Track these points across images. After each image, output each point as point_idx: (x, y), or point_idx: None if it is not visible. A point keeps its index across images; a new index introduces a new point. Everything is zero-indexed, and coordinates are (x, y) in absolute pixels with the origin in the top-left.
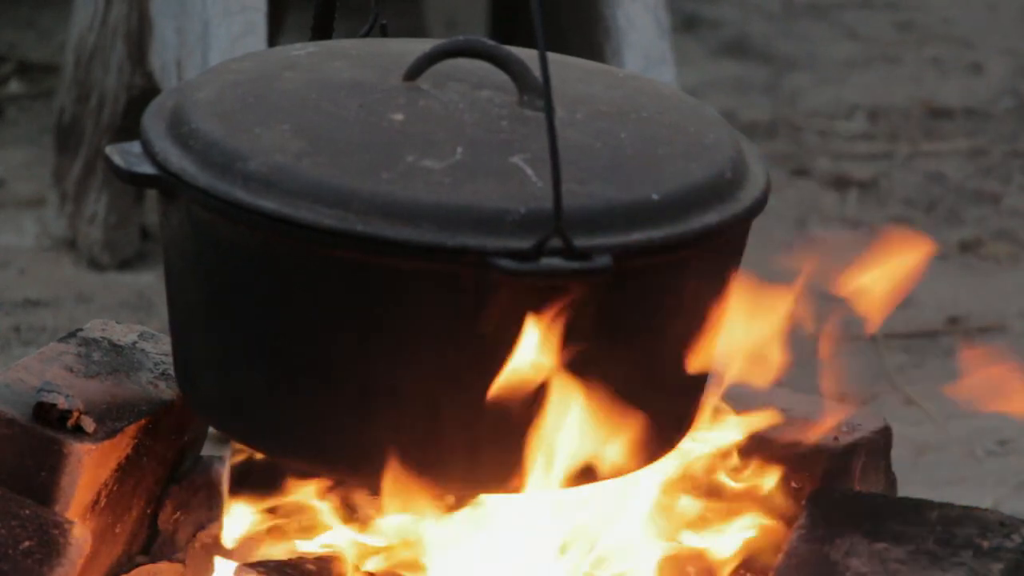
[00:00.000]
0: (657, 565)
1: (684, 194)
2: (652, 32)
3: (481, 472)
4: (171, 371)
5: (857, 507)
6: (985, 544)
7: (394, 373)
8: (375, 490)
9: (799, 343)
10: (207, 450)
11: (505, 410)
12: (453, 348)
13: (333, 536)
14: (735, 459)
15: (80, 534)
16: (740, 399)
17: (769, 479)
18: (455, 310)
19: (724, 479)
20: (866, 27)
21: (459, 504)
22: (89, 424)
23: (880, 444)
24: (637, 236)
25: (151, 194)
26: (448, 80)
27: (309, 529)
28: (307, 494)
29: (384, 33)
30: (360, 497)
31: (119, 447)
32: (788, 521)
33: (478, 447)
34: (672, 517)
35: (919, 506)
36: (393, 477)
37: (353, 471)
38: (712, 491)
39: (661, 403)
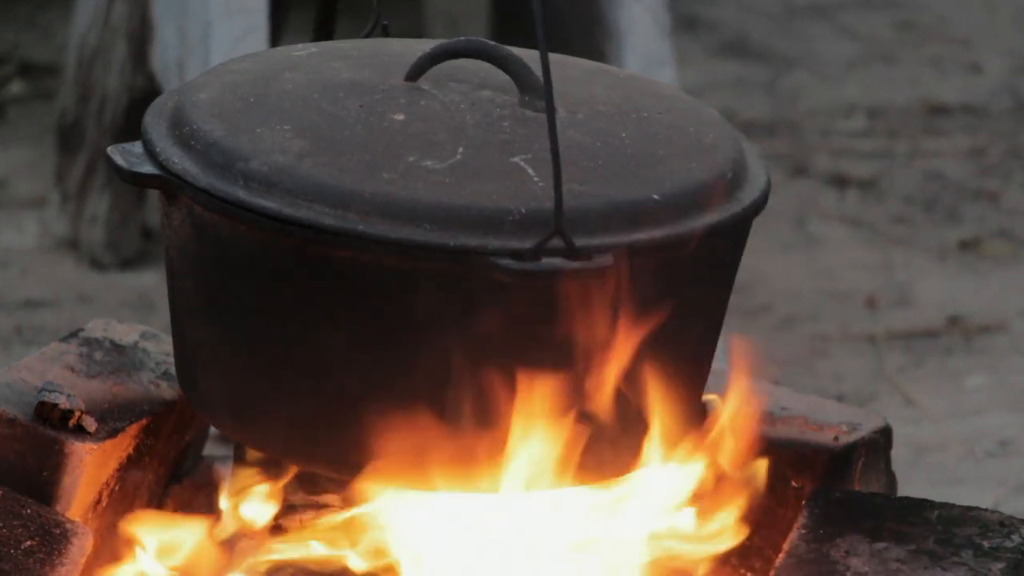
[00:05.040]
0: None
1: (685, 194)
2: (652, 32)
3: (484, 472)
4: (173, 371)
5: (857, 507)
6: (985, 544)
7: (395, 373)
8: (376, 489)
9: (800, 343)
10: (209, 450)
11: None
12: (454, 348)
13: (334, 536)
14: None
15: (82, 534)
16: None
17: (767, 478)
18: (456, 310)
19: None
20: (866, 27)
21: (459, 504)
22: (91, 424)
23: (880, 444)
24: (638, 236)
25: (152, 194)
26: (449, 80)
27: (312, 529)
28: (310, 494)
29: (386, 34)
30: (361, 496)
31: (121, 447)
32: (788, 521)
33: (480, 446)
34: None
35: (919, 506)
36: (394, 477)
37: (354, 471)
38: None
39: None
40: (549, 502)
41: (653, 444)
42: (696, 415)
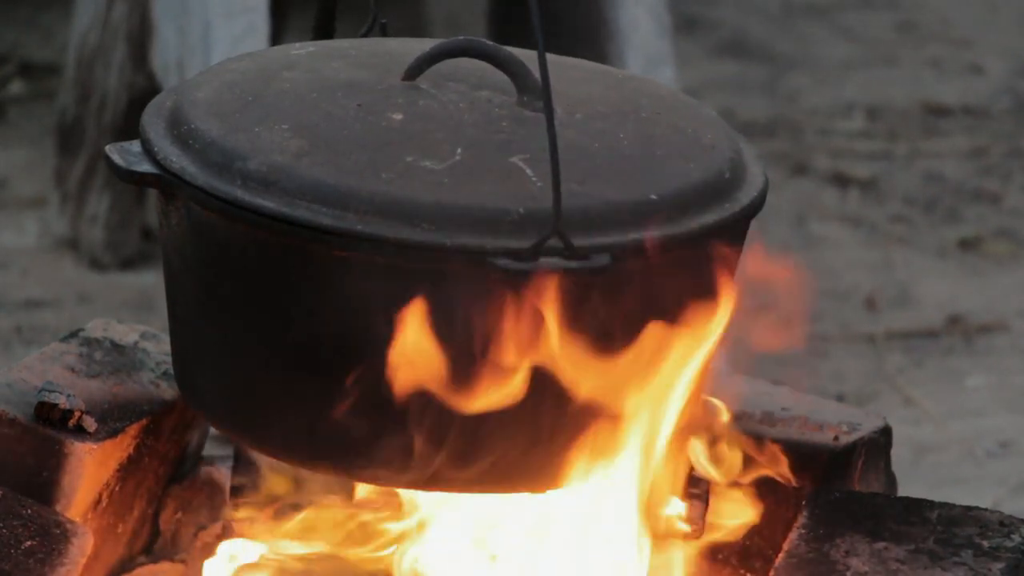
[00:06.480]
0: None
1: (682, 194)
2: (653, 33)
3: (481, 473)
4: (172, 370)
5: (857, 507)
6: (985, 544)
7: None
8: (376, 489)
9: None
10: (208, 450)
11: (505, 409)
12: (452, 347)
13: (334, 536)
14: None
15: (82, 534)
16: (738, 398)
17: (768, 477)
18: (455, 310)
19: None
20: (865, 27)
21: (452, 504)
22: (90, 424)
23: (880, 444)
24: (635, 236)
25: (152, 194)
26: (447, 80)
27: (312, 529)
28: (310, 494)
29: (384, 33)
30: (358, 495)
31: (121, 447)
32: (788, 521)
33: (477, 447)
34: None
35: (919, 506)
36: (392, 477)
37: (351, 470)
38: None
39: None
40: (547, 502)
41: (651, 443)
42: (695, 415)
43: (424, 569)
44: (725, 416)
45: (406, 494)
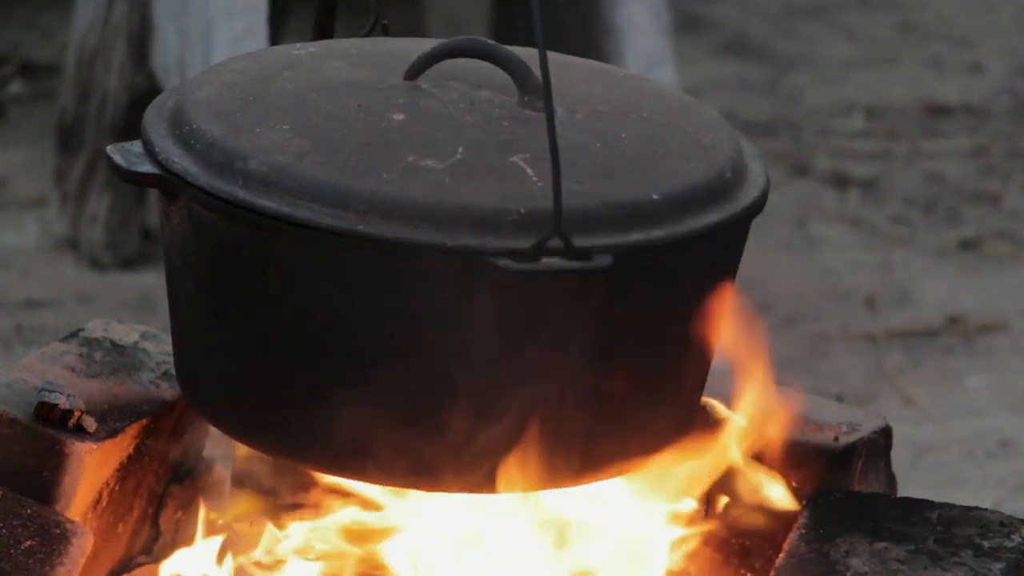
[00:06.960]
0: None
1: (684, 194)
2: (653, 32)
3: (480, 472)
4: (173, 371)
5: (857, 507)
6: (985, 544)
7: (393, 372)
8: (374, 489)
9: (800, 343)
10: (208, 450)
11: (505, 410)
12: (453, 348)
13: (332, 536)
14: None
15: (82, 534)
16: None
17: (768, 478)
18: (455, 310)
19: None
20: (866, 27)
21: (452, 504)
22: (90, 424)
23: (880, 444)
24: (637, 236)
25: (152, 194)
26: (448, 80)
27: (311, 530)
28: (309, 493)
29: (385, 33)
30: (359, 496)
31: (120, 447)
32: (788, 521)
33: (477, 447)
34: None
35: (919, 506)
36: (392, 476)
37: (352, 470)
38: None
39: (660, 402)
40: (546, 502)
41: (651, 444)
42: (696, 416)
43: (421, 566)
44: (727, 417)
45: (405, 494)
